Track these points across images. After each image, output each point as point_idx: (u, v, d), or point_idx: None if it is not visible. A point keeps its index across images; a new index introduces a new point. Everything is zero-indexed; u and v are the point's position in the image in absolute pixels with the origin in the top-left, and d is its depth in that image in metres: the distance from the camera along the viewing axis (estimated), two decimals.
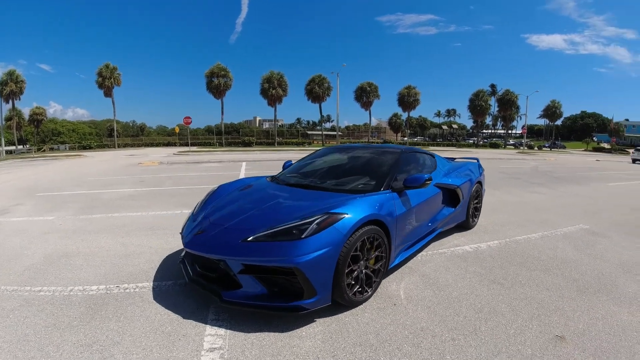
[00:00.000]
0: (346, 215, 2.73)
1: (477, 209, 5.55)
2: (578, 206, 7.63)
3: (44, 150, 39.55)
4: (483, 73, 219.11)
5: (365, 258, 2.90)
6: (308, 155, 4.88)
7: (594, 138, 74.82)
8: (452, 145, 54.47)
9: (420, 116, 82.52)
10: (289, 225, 2.64)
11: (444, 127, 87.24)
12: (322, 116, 54.45)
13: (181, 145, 46.66)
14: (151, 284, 3.28)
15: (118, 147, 43.93)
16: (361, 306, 2.90)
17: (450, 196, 4.66)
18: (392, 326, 2.61)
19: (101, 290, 3.14)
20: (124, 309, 2.82)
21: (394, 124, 66.69)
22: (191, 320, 2.64)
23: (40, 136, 48.88)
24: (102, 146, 44.86)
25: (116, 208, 6.66)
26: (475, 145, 54.60)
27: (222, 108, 45.72)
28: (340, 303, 2.77)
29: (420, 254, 4.11)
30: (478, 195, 5.55)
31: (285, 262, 2.46)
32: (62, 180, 11.40)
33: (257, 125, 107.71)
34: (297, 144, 48.12)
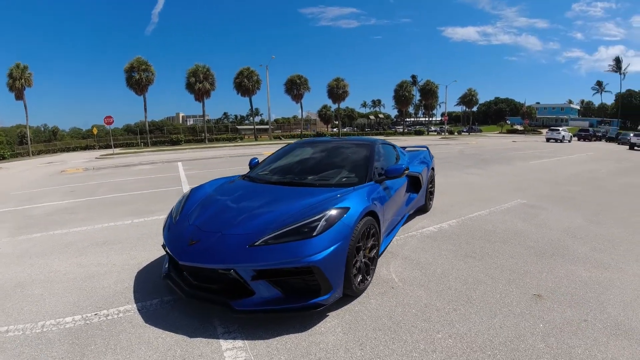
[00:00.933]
0: (350, 209, 2.77)
1: (432, 193, 6.04)
2: (510, 183, 8.78)
3: None
4: (404, 65, 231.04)
5: (364, 248, 2.98)
6: (277, 152, 4.78)
7: (508, 121, 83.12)
8: (380, 134, 56.61)
9: (347, 107, 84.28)
10: (297, 224, 2.59)
11: (371, 117, 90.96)
12: (252, 109, 53.38)
13: (101, 148, 42.50)
14: (134, 305, 2.98)
15: (32, 154, 38.86)
16: (364, 294, 3.01)
17: (414, 183, 4.98)
18: (400, 307, 2.79)
19: (78, 322, 2.76)
20: (116, 338, 2.51)
21: (324, 116, 67.57)
22: (200, 338, 2.46)
23: None
24: (15, 155, 39.33)
25: (54, 224, 5.88)
26: (401, 133, 57.48)
27: (145, 105, 42.35)
28: (347, 294, 2.82)
29: (395, 239, 4.36)
30: (432, 180, 6.03)
31: (301, 262, 2.42)
32: None
33: (181, 122, 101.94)
34: (229, 140, 46.39)
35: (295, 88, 49.64)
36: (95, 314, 2.87)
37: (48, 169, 18.76)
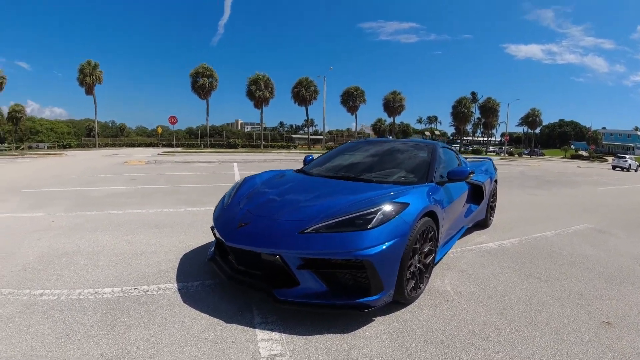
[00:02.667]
0: (409, 205, 2.53)
1: (493, 208, 5.52)
2: (577, 206, 8.06)
3: (22, 149, 37.80)
4: (463, 81, 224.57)
5: (420, 251, 2.69)
6: (332, 150, 4.62)
7: (572, 146, 76.90)
8: None
9: (402, 122, 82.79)
10: (352, 215, 2.39)
11: (427, 133, 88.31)
12: (308, 119, 54.23)
13: (163, 146, 45.53)
14: (175, 285, 2.93)
15: (98, 146, 42.50)
16: (415, 303, 2.72)
17: (475, 193, 4.57)
18: (455, 321, 2.49)
19: (117, 293, 2.76)
20: (151, 314, 2.45)
21: (378, 129, 67.09)
22: (236, 325, 2.32)
23: (18, 134, 46.94)
24: (81, 145, 43.28)
25: (111, 205, 6.18)
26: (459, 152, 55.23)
27: (208, 109, 45.01)
28: (396, 300, 2.54)
29: (450, 251, 4.03)
30: (494, 194, 5.52)
31: (353, 255, 2.20)
32: (46, 177, 10.67)
33: (239, 128, 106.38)
34: (283, 147, 47.72)
35: (351, 99, 50.05)
36: (135, 288, 2.85)
37: (112, 159, 20.28)
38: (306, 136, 52.27)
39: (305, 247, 2.28)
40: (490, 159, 6.24)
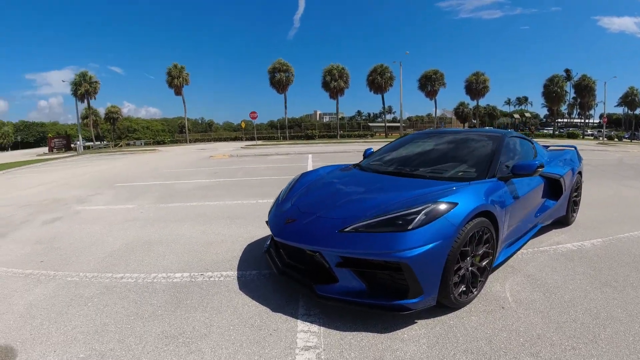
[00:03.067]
0: (457, 205, 2.40)
1: (576, 203, 4.88)
2: None
3: (121, 146, 43.41)
4: (553, 58, 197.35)
5: (472, 254, 2.55)
6: (393, 142, 4.54)
7: None
8: (527, 135, 49.51)
9: (488, 105, 76.36)
10: (392, 215, 2.37)
11: (516, 116, 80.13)
12: (384, 107, 53.13)
13: (247, 139, 48.54)
14: (235, 272, 3.22)
15: (189, 142, 46.84)
16: (466, 308, 2.57)
17: (552, 187, 4.09)
18: (504, 332, 2.29)
19: (185, 278, 3.13)
20: (210, 298, 2.75)
21: (461, 114, 63.02)
22: (280, 314, 2.49)
23: (116, 133, 53.68)
24: (174, 141, 48.19)
25: (193, 198, 6.91)
26: (551, 136, 49.34)
27: (285, 102, 46.73)
28: (442, 304, 2.46)
29: (520, 252, 3.70)
30: (578, 187, 4.89)
31: (391, 257, 2.19)
32: (139, 172, 12.28)
33: (318, 119, 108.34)
34: (359, 136, 47.50)
35: (429, 84, 47.71)
36: (201, 274, 3.21)
37: (199, 154, 22.28)
38: (383, 124, 51.20)
39: (344, 245, 2.32)
40: (575, 148, 5.52)
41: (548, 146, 5.67)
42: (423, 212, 2.32)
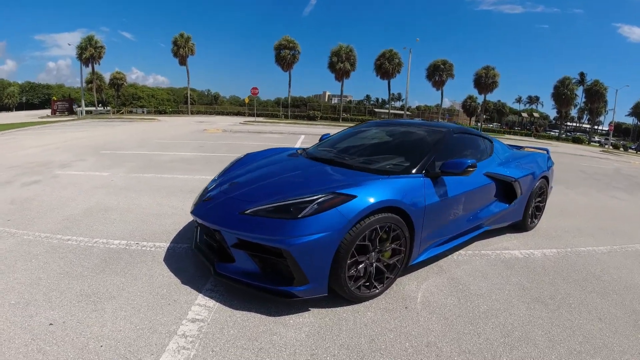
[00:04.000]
0: (355, 198, 2.41)
1: (539, 209, 4.81)
2: None
3: (122, 113, 43.16)
4: (569, 61, 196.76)
5: (377, 250, 2.60)
6: (345, 130, 4.57)
7: None
8: (530, 135, 48.83)
9: (499, 101, 75.40)
10: (289, 201, 2.43)
11: (524, 114, 78.68)
12: (390, 93, 52.26)
13: (249, 115, 48.21)
14: (168, 244, 3.35)
15: (191, 113, 46.59)
16: (367, 303, 2.60)
17: (505, 190, 4.03)
18: (393, 333, 2.26)
19: (121, 246, 3.27)
20: (134, 265, 2.89)
21: (469, 107, 62.16)
22: (187, 287, 2.62)
23: (120, 99, 52.97)
24: (177, 112, 47.89)
25: (168, 170, 7.02)
26: (556, 138, 48.83)
27: (290, 81, 46.18)
28: (342, 296, 2.53)
29: (457, 252, 3.65)
30: (542, 193, 4.77)
31: (275, 242, 2.27)
32: (129, 140, 12.35)
33: (326, 100, 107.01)
34: (362, 122, 46.85)
35: (437, 74, 46.58)
36: (137, 243, 3.35)
37: (196, 126, 22.25)
38: (388, 111, 50.52)
39: (241, 227, 2.40)
40: (547, 151, 5.41)
41: (521, 147, 5.61)
42: (316, 202, 2.35)
